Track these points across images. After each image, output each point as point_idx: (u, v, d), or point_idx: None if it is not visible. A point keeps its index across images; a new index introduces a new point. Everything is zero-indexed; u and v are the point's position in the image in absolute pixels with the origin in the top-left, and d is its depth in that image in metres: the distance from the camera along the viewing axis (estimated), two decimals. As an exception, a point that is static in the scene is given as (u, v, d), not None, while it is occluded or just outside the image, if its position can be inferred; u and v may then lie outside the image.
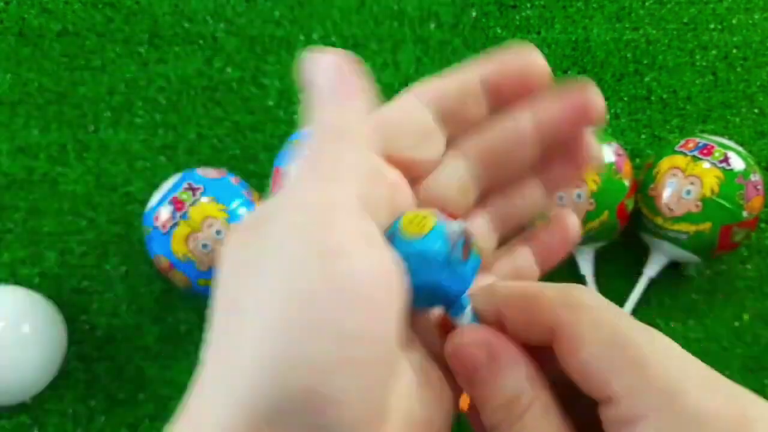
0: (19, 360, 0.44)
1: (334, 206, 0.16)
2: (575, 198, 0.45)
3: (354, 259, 0.16)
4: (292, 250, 0.16)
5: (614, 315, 0.18)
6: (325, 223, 0.16)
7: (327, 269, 0.15)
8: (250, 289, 0.16)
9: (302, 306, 0.15)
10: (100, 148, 0.54)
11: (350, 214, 0.16)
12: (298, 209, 0.16)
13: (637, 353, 0.17)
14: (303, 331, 0.15)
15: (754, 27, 0.59)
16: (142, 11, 0.58)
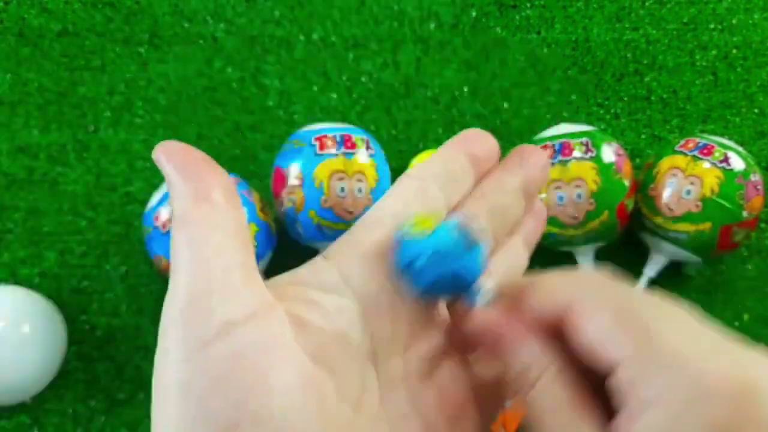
0: (19, 360, 0.44)
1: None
2: (575, 198, 0.45)
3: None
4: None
5: (621, 290, 0.19)
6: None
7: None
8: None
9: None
10: (100, 148, 0.54)
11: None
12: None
13: (642, 323, 0.18)
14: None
15: (754, 27, 0.59)
16: (142, 11, 0.58)
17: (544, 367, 0.19)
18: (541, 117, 0.56)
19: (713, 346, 0.18)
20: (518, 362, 0.20)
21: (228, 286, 0.17)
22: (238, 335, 0.17)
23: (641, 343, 0.17)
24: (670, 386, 0.17)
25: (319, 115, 0.56)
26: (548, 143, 0.47)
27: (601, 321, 0.18)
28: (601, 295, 0.19)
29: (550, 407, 0.19)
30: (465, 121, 0.56)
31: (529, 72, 0.58)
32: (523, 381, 0.20)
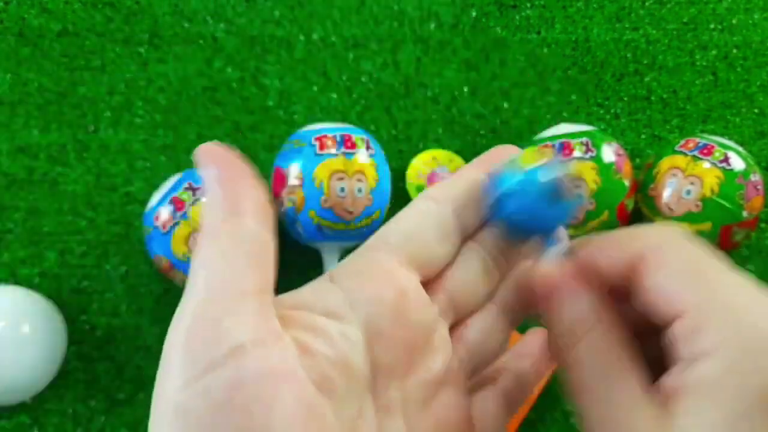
0: (19, 360, 0.44)
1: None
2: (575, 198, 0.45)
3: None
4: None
5: (695, 247, 0.19)
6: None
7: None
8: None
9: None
10: (100, 148, 0.54)
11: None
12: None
13: (710, 277, 0.18)
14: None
15: (754, 27, 0.59)
16: (142, 11, 0.58)
17: (592, 324, 0.20)
18: (541, 117, 0.56)
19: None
20: (572, 312, 0.20)
21: (240, 314, 0.17)
22: (245, 361, 0.16)
23: (707, 294, 0.18)
24: (729, 338, 0.17)
25: (319, 115, 0.56)
26: (548, 143, 0.47)
27: (671, 270, 0.18)
28: (673, 247, 0.19)
29: (598, 360, 0.19)
30: (465, 121, 0.56)
31: (529, 72, 0.58)
32: (570, 335, 0.20)
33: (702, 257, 0.19)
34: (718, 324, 0.17)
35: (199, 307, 0.17)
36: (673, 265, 0.19)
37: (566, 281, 0.20)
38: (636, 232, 0.20)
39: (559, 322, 0.20)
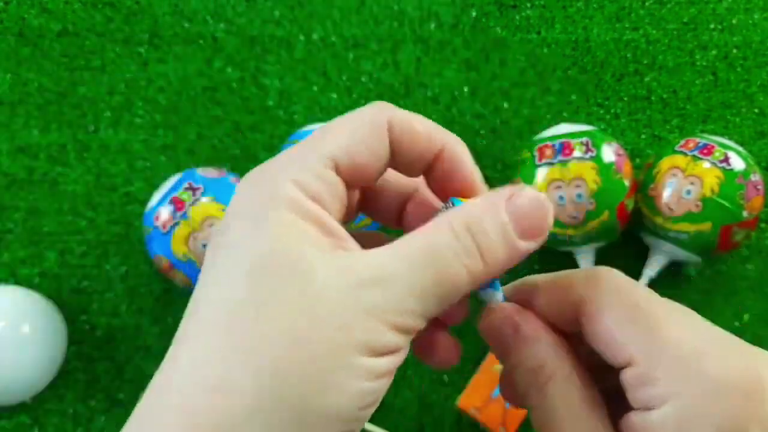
0: (19, 360, 0.44)
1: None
2: (576, 198, 0.45)
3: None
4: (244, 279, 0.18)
5: (635, 287, 0.20)
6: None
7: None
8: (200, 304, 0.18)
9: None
10: (100, 148, 0.54)
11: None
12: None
13: (655, 320, 0.18)
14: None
15: (754, 27, 0.59)
16: (142, 11, 0.58)
17: (558, 365, 0.20)
18: (541, 117, 0.56)
19: (722, 343, 0.18)
20: (534, 358, 0.20)
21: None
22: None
23: (653, 342, 0.18)
24: (679, 387, 0.17)
25: (319, 115, 0.56)
26: (548, 143, 0.47)
27: (615, 316, 0.19)
28: (611, 292, 0.20)
29: (563, 404, 0.19)
30: (465, 121, 0.56)
31: (529, 72, 0.58)
32: (536, 378, 0.20)
33: (641, 299, 0.19)
34: (667, 373, 0.18)
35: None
36: (614, 313, 0.19)
37: (526, 325, 0.21)
38: (571, 277, 0.21)
39: (521, 367, 0.21)
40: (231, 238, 0.18)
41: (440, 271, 0.18)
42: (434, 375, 0.49)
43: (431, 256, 0.18)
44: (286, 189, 0.19)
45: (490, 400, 0.45)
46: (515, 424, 0.45)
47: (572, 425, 0.19)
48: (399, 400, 0.48)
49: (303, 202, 0.19)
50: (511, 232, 0.19)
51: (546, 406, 0.20)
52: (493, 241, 0.18)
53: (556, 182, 0.45)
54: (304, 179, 0.19)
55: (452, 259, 0.18)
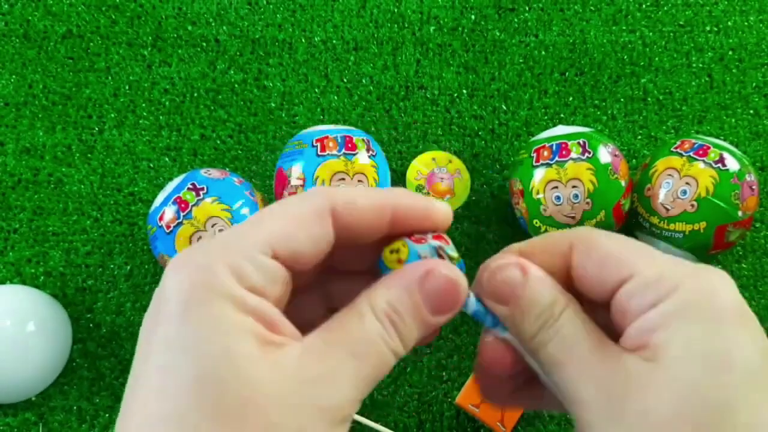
0: (25, 358, 0.45)
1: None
2: (572, 198, 0.46)
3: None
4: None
5: (617, 235, 0.22)
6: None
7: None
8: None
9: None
10: (104, 149, 0.55)
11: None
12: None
13: (643, 249, 0.21)
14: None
15: (749, 29, 0.60)
16: (145, 14, 0.59)
17: (566, 303, 0.21)
18: (538, 119, 0.57)
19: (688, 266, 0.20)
20: (547, 295, 0.21)
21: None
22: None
23: (652, 253, 0.20)
24: (681, 282, 0.19)
25: (320, 117, 0.56)
26: (546, 144, 0.48)
27: (612, 242, 0.21)
28: (600, 234, 0.21)
29: (581, 332, 0.20)
30: (464, 122, 0.57)
31: (527, 74, 0.58)
32: (551, 313, 0.21)
33: (628, 239, 0.21)
34: (671, 270, 0.19)
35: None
36: (608, 241, 0.21)
37: (529, 266, 0.22)
38: (553, 234, 0.22)
39: (531, 307, 0.21)
40: (169, 334, 0.18)
41: (376, 360, 0.19)
42: (433, 372, 0.49)
43: (368, 348, 0.19)
44: (222, 279, 0.18)
45: (489, 397, 0.46)
46: (513, 421, 0.46)
47: (593, 345, 0.20)
48: (398, 397, 0.49)
49: (242, 295, 0.18)
50: (424, 311, 0.20)
51: (563, 334, 0.20)
52: (409, 325, 0.20)
53: (553, 183, 0.46)
54: (241, 268, 0.18)
55: (383, 347, 0.19)
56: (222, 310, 0.18)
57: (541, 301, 0.21)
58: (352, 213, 0.21)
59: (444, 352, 0.50)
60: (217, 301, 0.18)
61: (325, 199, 0.20)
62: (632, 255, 0.20)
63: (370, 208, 0.21)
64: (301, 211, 0.20)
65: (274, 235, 0.19)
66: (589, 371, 0.20)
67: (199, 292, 0.18)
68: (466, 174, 0.54)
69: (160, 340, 0.18)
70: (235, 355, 0.17)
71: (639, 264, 0.20)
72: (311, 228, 0.20)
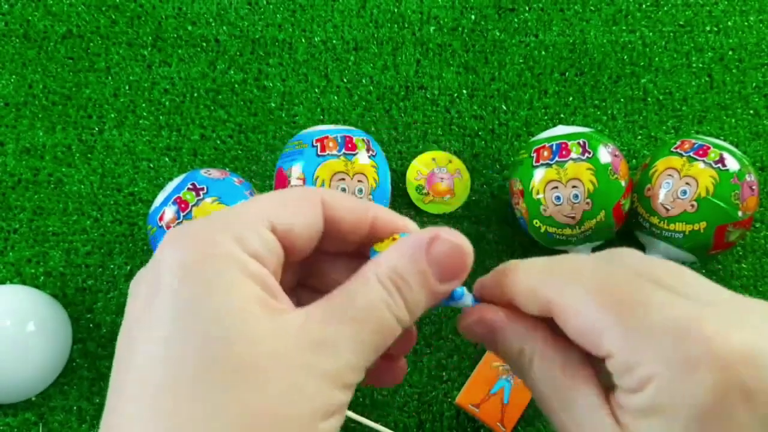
0: (25, 358, 0.45)
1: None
2: (572, 198, 0.46)
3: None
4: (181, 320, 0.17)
5: (595, 268, 0.20)
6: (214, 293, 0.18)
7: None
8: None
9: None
10: (104, 149, 0.55)
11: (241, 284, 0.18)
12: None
13: (625, 303, 0.19)
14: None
15: (749, 29, 0.60)
16: (145, 14, 0.59)
17: (534, 344, 0.21)
18: (538, 119, 0.57)
19: (701, 311, 0.18)
20: (510, 345, 0.21)
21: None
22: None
23: (627, 326, 0.18)
24: (663, 362, 0.18)
25: (320, 117, 0.56)
26: (546, 144, 0.48)
27: (583, 314, 0.19)
28: (577, 283, 0.20)
29: (548, 379, 0.20)
30: (464, 123, 0.57)
31: (527, 74, 0.58)
32: (521, 361, 0.21)
33: (605, 282, 0.19)
34: (646, 356, 0.18)
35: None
36: (581, 310, 0.19)
37: (495, 317, 0.22)
38: (536, 276, 0.21)
39: (506, 357, 0.22)
40: (171, 299, 0.17)
41: (378, 326, 0.19)
42: (433, 372, 0.49)
43: (369, 313, 0.19)
44: (227, 245, 0.18)
45: (489, 397, 0.46)
46: (513, 421, 0.46)
47: (561, 396, 0.20)
48: (398, 397, 0.49)
49: (246, 260, 0.18)
50: (431, 279, 0.20)
51: (536, 385, 0.21)
52: (416, 292, 0.20)
53: (553, 183, 0.46)
54: (244, 236, 0.19)
55: (386, 312, 0.19)
56: (227, 271, 0.18)
57: (510, 351, 0.22)
58: (339, 205, 0.21)
59: (444, 352, 0.50)
60: (220, 263, 0.18)
61: (315, 189, 0.21)
62: (607, 329, 0.19)
63: (355, 205, 0.22)
64: (296, 194, 0.21)
65: (272, 211, 0.20)
66: (560, 424, 0.20)
67: (202, 257, 0.18)
68: (466, 174, 0.54)
69: (161, 308, 0.17)
70: (242, 315, 0.17)
71: (614, 344, 0.18)
72: (305, 210, 0.20)
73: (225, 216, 0.19)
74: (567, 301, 0.20)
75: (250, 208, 0.20)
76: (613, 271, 0.20)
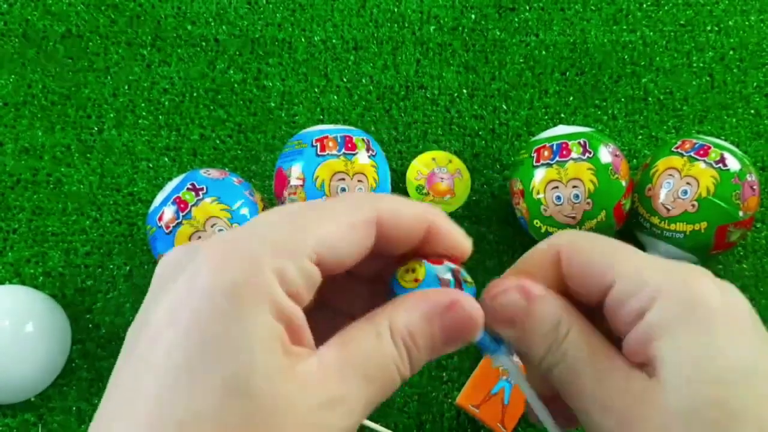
0: (24, 358, 0.45)
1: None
2: (573, 198, 0.46)
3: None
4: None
5: (600, 236, 0.22)
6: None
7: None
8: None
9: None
10: (104, 149, 0.55)
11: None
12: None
13: (625, 247, 0.21)
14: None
15: (750, 29, 0.60)
16: (145, 13, 0.59)
17: (571, 322, 0.21)
18: (539, 118, 0.57)
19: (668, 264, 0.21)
20: (551, 315, 0.21)
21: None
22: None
23: (632, 256, 0.20)
24: (667, 278, 0.19)
25: (320, 117, 0.56)
26: (546, 144, 0.48)
27: (591, 248, 0.21)
28: (582, 235, 0.22)
29: (587, 351, 0.20)
30: (464, 122, 0.57)
31: (528, 74, 0.58)
32: (556, 334, 0.21)
33: (607, 239, 0.21)
34: (652, 274, 0.19)
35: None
36: (589, 246, 0.21)
37: (530, 288, 0.22)
38: (543, 245, 0.23)
39: (537, 330, 0.21)
40: (202, 322, 0.17)
41: (386, 384, 0.19)
42: (433, 372, 0.49)
43: (381, 372, 0.19)
44: (267, 278, 0.17)
45: (489, 397, 0.46)
46: (513, 421, 0.45)
47: (598, 369, 0.20)
48: (398, 398, 0.49)
49: (281, 300, 0.18)
50: (438, 340, 0.20)
51: (570, 359, 0.21)
52: (422, 352, 0.20)
53: (553, 183, 0.46)
54: (288, 271, 0.18)
55: (395, 372, 0.19)
56: (261, 314, 0.17)
57: (544, 323, 0.21)
58: (396, 224, 0.20)
59: (444, 352, 0.50)
60: (256, 299, 0.17)
61: (373, 208, 0.20)
62: (610, 258, 0.20)
63: (413, 219, 0.21)
64: (352, 220, 0.19)
65: (322, 241, 0.19)
66: (596, 398, 0.20)
67: (239, 286, 0.17)
68: (466, 174, 0.54)
69: (187, 330, 0.17)
70: (266, 366, 0.17)
71: (618, 267, 0.20)
72: (359, 237, 0.20)
73: (272, 233, 0.18)
74: (577, 240, 0.21)
75: (300, 236, 0.19)
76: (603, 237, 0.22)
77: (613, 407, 0.19)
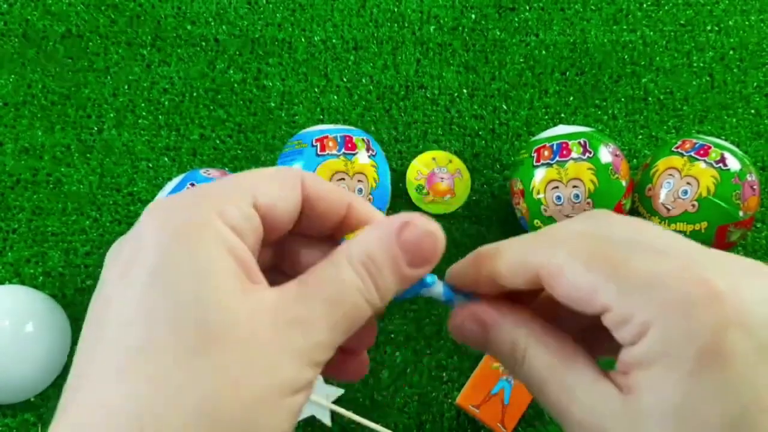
0: (24, 359, 0.45)
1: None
2: (573, 198, 0.46)
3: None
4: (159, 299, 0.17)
5: (582, 231, 0.20)
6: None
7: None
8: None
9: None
10: (104, 149, 0.55)
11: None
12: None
13: (612, 260, 0.19)
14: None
15: (750, 29, 0.60)
16: (145, 13, 0.59)
17: (527, 337, 0.21)
18: (539, 118, 0.57)
19: (685, 256, 0.19)
20: (504, 341, 0.21)
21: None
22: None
23: (618, 280, 0.18)
24: (656, 310, 0.18)
25: (320, 117, 0.56)
26: (546, 144, 0.47)
27: (573, 274, 0.19)
28: (565, 246, 0.20)
29: (545, 369, 0.20)
30: (464, 122, 0.56)
31: (528, 74, 0.58)
32: (514, 356, 0.21)
33: (591, 244, 0.19)
34: (639, 307, 0.18)
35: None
36: (571, 271, 0.19)
37: (483, 317, 0.22)
38: (520, 246, 0.21)
39: (499, 353, 0.22)
40: (152, 263, 0.18)
41: (349, 308, 0.19)
42: (433, 372, 0.49)
43: (342, 296, 0.19)
44: (208, 216, 0.18)
45: (489, 398, 0.46)
46: (513, 421, 0.45)
47: (560, 378, 0.20)
48: (398, 398, 0.49)
49: (226, 234, 0.18)
50: (402, 263, 0.20)
51: (532, 374, 0.21)
52: (386, 276, 0.20)
53: (553, 182, 0.46)
54: (226, 209, 0.19)
55: (358, 296, 0.20)
56: (206, 242, 0.18)
57: (503, 348, 0.21)
58: (317, 187, 0.21)
59: (444, 352, 0.50)
60: (201, 232, 0.18)
61: (297, 175, 0.22)
62: (601, 284, 0.19)
63: (332, 188, 0.22)
64: (278, 173, 0.21)
65: (255, 186, 0.20)
66: (565, 413, 0.20)
67: (184, 225, 0.18)
68: (466, 174, 0.54)
69: (139, 271, 0.18)
70: (219, 288, 0.17)
71: (608, 297, 0.18)
72: (286, 188, 0.21)
73: (208, 189, 0.20)
74: (558, 262, 0.19)
75: (234, 183, 0.20)
76: (599, 230, 0.20)
77: (583, 422, 0.19)
